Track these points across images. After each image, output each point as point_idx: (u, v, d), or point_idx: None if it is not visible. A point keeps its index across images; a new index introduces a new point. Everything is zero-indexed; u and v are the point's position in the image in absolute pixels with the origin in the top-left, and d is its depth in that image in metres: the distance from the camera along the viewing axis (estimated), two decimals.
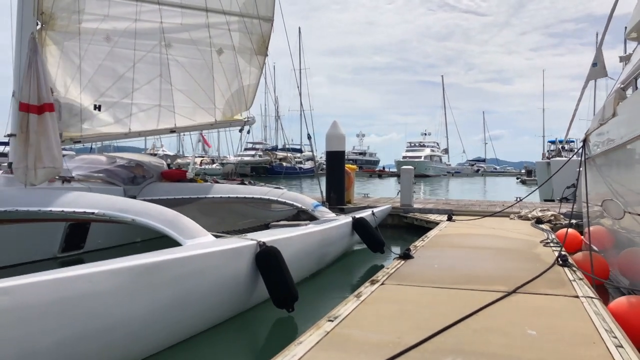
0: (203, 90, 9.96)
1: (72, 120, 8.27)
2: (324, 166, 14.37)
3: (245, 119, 11.20)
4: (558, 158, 18.10)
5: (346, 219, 8.33)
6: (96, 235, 8.08)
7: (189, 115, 9.89)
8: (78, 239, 7.89)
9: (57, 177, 7.07)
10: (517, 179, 57.27)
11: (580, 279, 5.03)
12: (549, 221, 9.97)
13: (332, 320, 3.66)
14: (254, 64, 10.71)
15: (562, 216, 10.18)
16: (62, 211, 5.50)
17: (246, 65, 10.58)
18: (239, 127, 11.17)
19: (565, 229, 7.67)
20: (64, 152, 10.54)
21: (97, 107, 8.57)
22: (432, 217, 11.12)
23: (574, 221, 8.78)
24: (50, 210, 5.52)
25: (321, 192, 11.61)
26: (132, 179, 8.64)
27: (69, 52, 8.24)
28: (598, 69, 10.92)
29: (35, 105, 5.84)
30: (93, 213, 5.40)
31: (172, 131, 9.81)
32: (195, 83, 9.84)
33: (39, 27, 7.74)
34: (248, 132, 11.68)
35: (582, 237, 8.22)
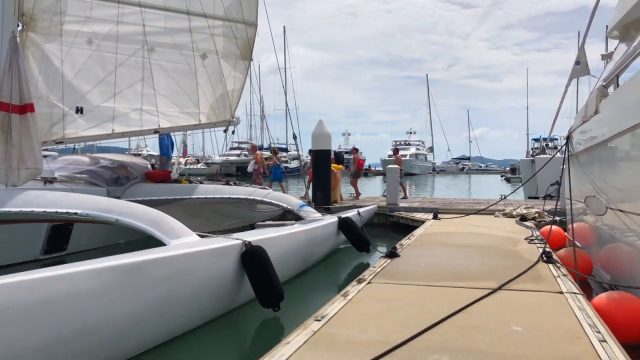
0: (187, 95, 9.87)
1: (54, 125, 8.17)
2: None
3: (230, 119, 11.15)
4: (542, 155, 18.25)
5: (332, 219, 8.33)
6: (79, 236, 8.00)
7: (173, 120, 9.79)
8: (61, 241, 7.80)
9: (39, 178, 6.98)
10: (502, 176, 57.71)
11: (565, 275, 5.08)
12: (533, 218, 10.06)
13: (319, 320, 3.65)
14: (239, 69, 10.65)
15: (546, 213, 10.27)
16: (45, 211, 5.43)
17: (231, 70, 10.51)
18: (224, 128, 11.12)
19: (549, 226, 7.74)
20: (47, 153, 10.44)
21: (79, 110, 8.46)
22: (418, 215, 11.17)
23: (557, 218, 8.86)
24: (32, 211, 5.44)
25: (307, 191, 11.59)
26: (116, 179, 8.57)
27: (50, 54, 8.13)
28: (581, 67, 11.05)
29: (17, 105, 5.76)
30: (76, 213, 5.33)
31: (155, 131, 9.73)
32: (178, 88, 9.75)
33: (20, 28, 7.62)
34: (233, 132, 11.65)
35: (566, 233, 8.30)
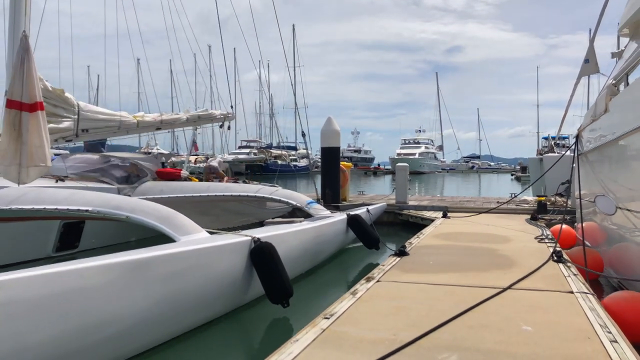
0: None
1: None
2: (319, 164, 14.37)
3: (226, 114, 11.14)
4: (550, 154, 18.12)
5: (341, 216, 8.33)
6: (91, 234, 8.06)
7: None
8: (72, 238, 7.86)
9: (51, 176, 7.03)
10: (512, 175, 57.42)
11: (575, 274, 5.05)
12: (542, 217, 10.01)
13: (328, 318, 3.66)
14: None
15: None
16: (56, 209, 5.47)
17: None
18: (219, 123, 11.11)
19: (559, 225, 7.70)
20: (59, 152, 10.52)
21: None
22: (427, 214, 11.14)
23: (567, 217, 8.81)
24: (44, 208, 5.48)
25: (316, 189, 11.60)
26: (127, 178, 8.62)
27: None
28: (590, 65, 10.98)
29: (28, 104, 5.81)
30: (87, 210, 5.37)
31: (157, 128, 9.83)
32: None
33: None
34: (229, 127, 11.62)
35: (576, 232, 8.25)
